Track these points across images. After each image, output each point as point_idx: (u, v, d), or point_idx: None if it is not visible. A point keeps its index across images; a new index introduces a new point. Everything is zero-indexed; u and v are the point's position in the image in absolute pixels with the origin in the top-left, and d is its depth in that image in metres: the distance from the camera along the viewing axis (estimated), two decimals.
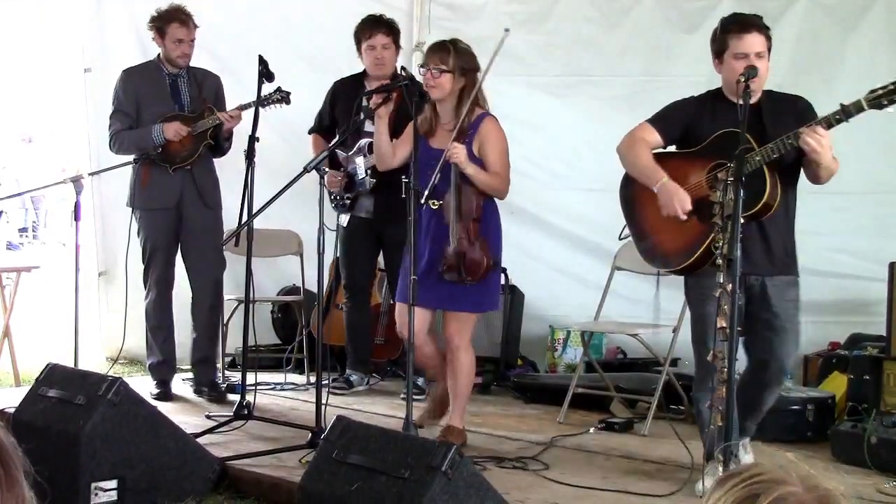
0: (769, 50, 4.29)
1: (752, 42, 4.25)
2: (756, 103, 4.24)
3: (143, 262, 6.18)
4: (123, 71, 6.29)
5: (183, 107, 6.11)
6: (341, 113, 6.23)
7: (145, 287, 6.22)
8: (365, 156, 6.14)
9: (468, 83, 4.96)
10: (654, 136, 4.53)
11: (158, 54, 6.17)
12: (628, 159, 4.63)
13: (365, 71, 6.30)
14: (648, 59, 7.15)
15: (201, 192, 6.06)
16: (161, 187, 6.06)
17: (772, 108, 4.29)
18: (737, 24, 4.31)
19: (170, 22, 6.02)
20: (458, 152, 4.83)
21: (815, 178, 4.25)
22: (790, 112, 4.25)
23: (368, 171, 6.16)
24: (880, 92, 3.90)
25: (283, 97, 5.84)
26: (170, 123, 5.97)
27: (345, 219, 6.34)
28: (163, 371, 6.27)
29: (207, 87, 6.14)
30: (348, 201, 6.32)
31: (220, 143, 6.07)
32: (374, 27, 6.17)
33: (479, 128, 4.96)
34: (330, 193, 6.26)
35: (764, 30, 4.29)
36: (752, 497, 1.33)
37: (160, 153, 6.01)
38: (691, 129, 4.44)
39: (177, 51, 6.04)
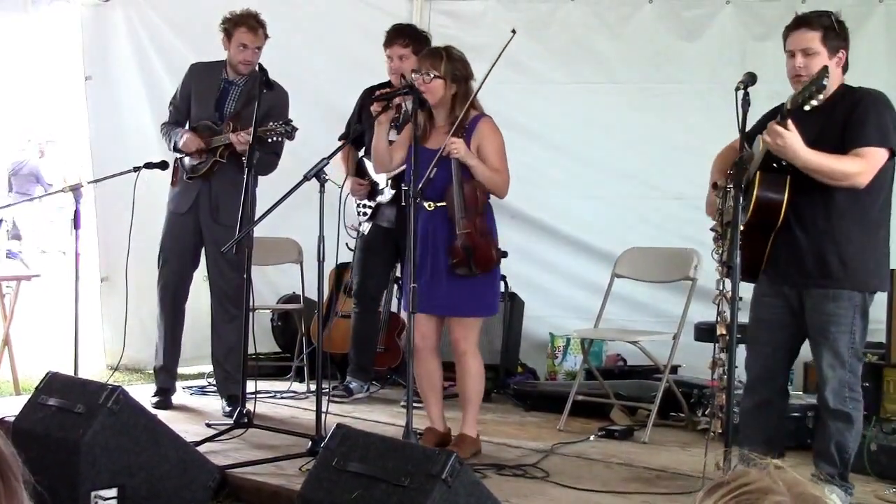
0: (834, 47, 4.06)
1: (799, 39, 4.09)
2: (824, 104, 3.97)
3: (158, 262, 6.17)
4: (192, 65, 6.21)
5: (223, 116, 5.99)
6: (368, 121, 6.22)
7: (159, 293, 6.19)
8: None
9: (460, 90, 4.97)
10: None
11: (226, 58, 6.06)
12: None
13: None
14: (648, 66, 7.18)
15: (216, 207, 5.94)
16: (180, 191, 6.05)
17: (834, 107, 4.03)
18: (791, 21, 4.17)
19: (238, 26, 5.90)
20: (458, 145, 4.84)
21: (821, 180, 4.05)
22: (843, 110, 3.97)
23: (389, 182, 6.17)
24: (799, 89, 3.85)
25: (287, 132, 5.59)
26: (190, 133, 5.93)
27: (367, 227, 6.36)
28: (161, 377, 6.23)
29: (261, 102, 5.67)
30: (370, 210, 6.34)
31: (242, 160, 5.64)
32: (393, 38, 6.15)
33: (476, 128, 4.97)
34: (354, 202, 6.35)
35: (819, 26, 4.06)
36: None
37: (183, 158, 5.99)
38: None
39: (239, 56, 5.93)
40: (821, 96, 3.75)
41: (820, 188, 4.04)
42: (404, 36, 6.18)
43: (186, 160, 6.01)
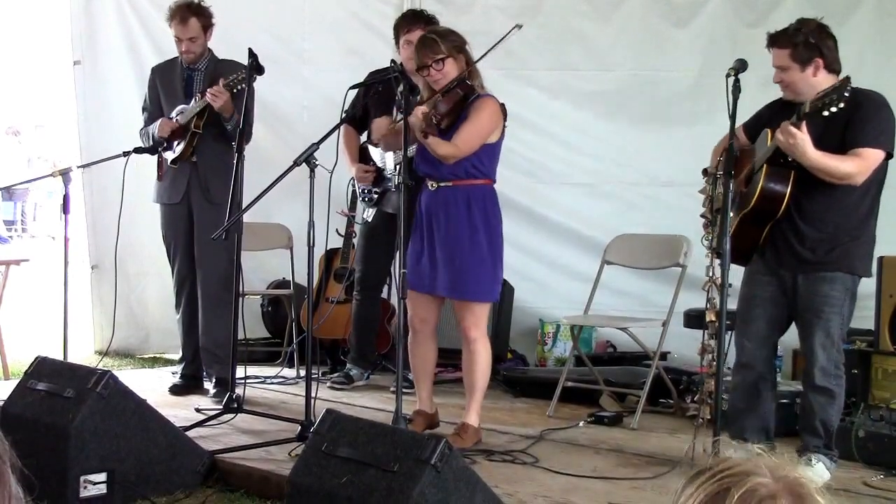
0: (805, 59, 4.25)
1: (774, 56, 4.34)
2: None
3: (168, 259, 6.16)
4: (152, 68, 6.21)
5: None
6: (374, 104, 6.17)
7: (174, 284, 6.19)
8: (395, 151, 6.13)
9: (466, 57, 4.92)
10: (742, 136, 4.57)
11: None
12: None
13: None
14: (638, 53, 7.18)
15: (206, 188, 5.91)
16: (170, 182, 6.02)
17: (840, 109, 4.10)
18: (767, 39, 4.40)
19: (170, 20, 5.88)
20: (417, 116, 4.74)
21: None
22: (845, 112, 4.07)
23: (397, 167, 6.15)
24: (820, 94, 4.01)
25: (241, 80, 5.42)
26: (161, 118, 5.93)
27: (371, 213, 6.34)
28: (185, 366, 6.26)
29: (251, 89, 5.69)
30: (375, 195, 6.33)
31: (225, 129, 5.76)
32: (413, 22, 6.04)
33: (473, 104, 4.89)
34: (359, 188, 6.35)
35: (788, 43, 4.27)
36: (724, 491, 1.35)
37: (164, 153, 5.96)
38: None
39: (178, 48, 5.91)
40: (842, 104, 3.94)
41: (820, 183, 4.24)
42: (424, 20, 6.05)
43: (167, 154, 5.98)
